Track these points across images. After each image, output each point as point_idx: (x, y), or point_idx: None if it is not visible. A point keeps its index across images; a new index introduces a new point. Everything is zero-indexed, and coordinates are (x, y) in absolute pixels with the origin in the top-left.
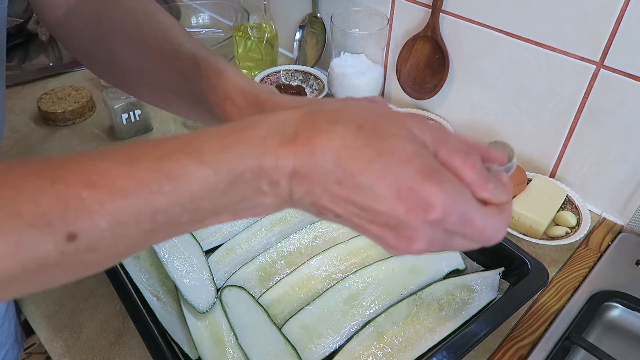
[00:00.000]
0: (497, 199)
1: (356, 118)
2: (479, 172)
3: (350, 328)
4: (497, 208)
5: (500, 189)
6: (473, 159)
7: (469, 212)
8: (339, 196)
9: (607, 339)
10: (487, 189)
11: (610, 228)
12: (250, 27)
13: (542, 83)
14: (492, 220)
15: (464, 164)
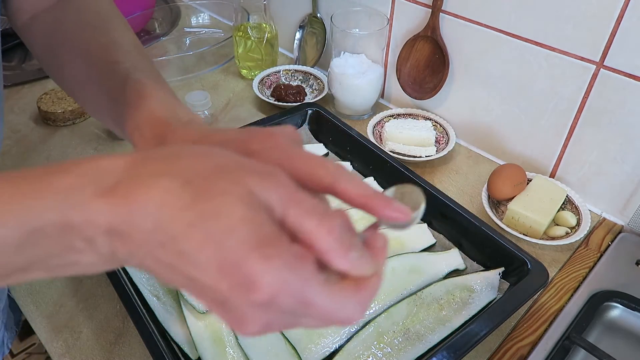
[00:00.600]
0: (359, 271)
1: (188, 170)
2: (338, 238)
3: (350, 328)
4: (354, 285)
5: (365, 259)
6: (331, 222)
7: (306, 293)
8: (163, 262)
9: (607, 339)
10: (346, 258)
11: (610, 228)
12: (250, 27)
13: (542, 83)
14: (343, 301)
15: (317, 227)
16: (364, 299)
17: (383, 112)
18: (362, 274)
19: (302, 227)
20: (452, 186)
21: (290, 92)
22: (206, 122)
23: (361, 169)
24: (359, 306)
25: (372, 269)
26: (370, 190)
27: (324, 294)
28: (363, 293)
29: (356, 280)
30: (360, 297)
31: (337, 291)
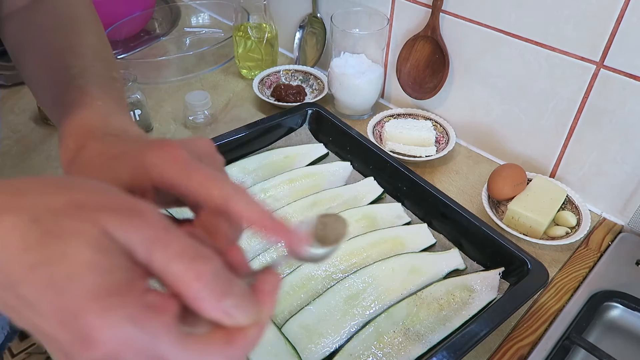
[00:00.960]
0: (233, 320)
1: (38, 206)
2: (209, 284)
3: (350, 328)
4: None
5: (243, 307)
6: (202, 266)
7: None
8: (8, 305)
9: (607, 339)
10: (217, 307)
11: (610, 228)
12: (250, 27)
13: (542, 83)
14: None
15: (185, 272)
16: (234, 353)
17: (383, 112)
18: (237, 324)
19: (167, 273)
20: (452, 186)
21: (290, 92)
22: (206, 122)
23: (361, 169)
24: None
25: (251, 318)
26: (267, 213)
27: (180, 350)
28: (234, 347)
29: (229, 332)
30: (231, 352)
31: (199, 346)
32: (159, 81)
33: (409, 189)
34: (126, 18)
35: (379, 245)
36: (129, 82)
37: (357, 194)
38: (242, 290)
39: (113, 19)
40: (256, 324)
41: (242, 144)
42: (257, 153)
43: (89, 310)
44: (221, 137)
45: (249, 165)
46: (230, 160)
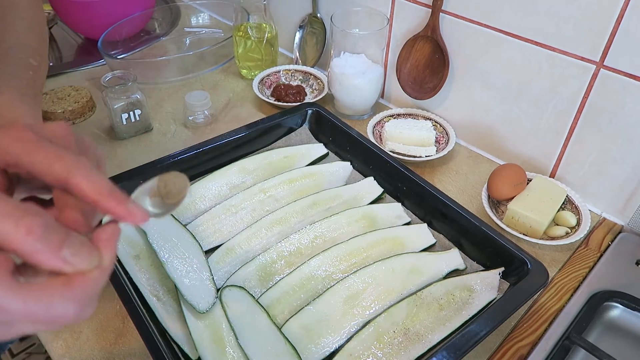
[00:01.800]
0: (74, 267)
1: None
2: (42, 237)
3: (350, 328)
4: (63, 281)
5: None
6: (31, 221)
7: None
8: None
9: (607, 339)
10: (56, 257)
11: (610, 228)
12: (250, 27)
13: (542, 83)
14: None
15: (14, 229)
16: (77, 294)
17: (383, 112)
18: (79, 269)
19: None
20: (452, 186)
21: (290, 92)
22: (206, 122)
23: (361, 169)
24: (71, 302)
25: (92, 263)
26: (106, 187)
27: (17, 297)
28: (76, 288)
29: (69, 276)
30: (73, 293)
31: (36, 291)
32: (159, 81)
33: (409, 189)
34: (126, 18)
35: (379, 245)
36: (129, 82)
37: (357, 194)
38: (79, 240)
39: (113, 19)
40: (98, 267)
41: (242, 144)
42: (257, 153)
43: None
44: (221, 137)
45: (249, 165)
46: (230, 160)
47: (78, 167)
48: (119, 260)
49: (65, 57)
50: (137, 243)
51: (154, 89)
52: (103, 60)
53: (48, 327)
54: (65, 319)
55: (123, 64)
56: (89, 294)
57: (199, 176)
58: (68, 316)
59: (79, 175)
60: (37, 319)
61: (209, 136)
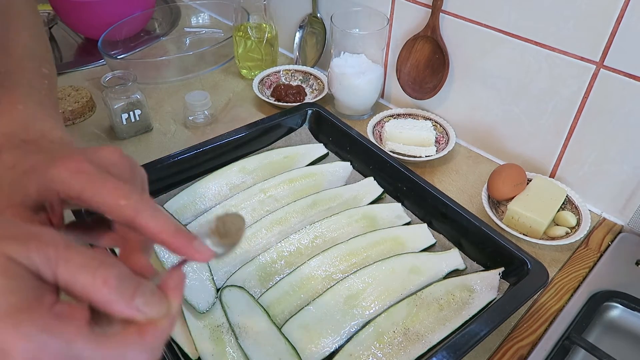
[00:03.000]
0: (146, 316)
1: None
2: (116, 287)
3: (350, 328)
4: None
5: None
6: (106, 272)
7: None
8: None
9: (607, 339)
10: (129, 306)
11: (610, 228)
12: (250, 27)
13: (542, 83)
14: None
15: (93, 282)
16: (149, 343)
17: (383, 112)
18: (151, 318)
19: (76, 284)
20: (452, 186)
21: (290, 92)
22: (206, 122)
23: (361, 169)
24: (144, 352)
25: (162, 312)
26: (173, 227)
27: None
28: (149, 337)
29: (141, 325)
30: (145, 342)
31: (113, 341)
32: (159, 81)
33: (409, 189)
34: (126, 18)
35: (379, 245)
36: (129, 82)
37: (357, 194)
38: (149, 288)
39: (113, 19)
40: (167, 315)
41: (242, 144)
42: (257, 153)
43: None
44: (221, 137)
45: (249, 165)
46: (230, 160)
47: (145, 207)
48: None
49: (65, 57)
50: None
51: (154, 89)
52: (103, 60)
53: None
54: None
55: (123, 64)
56: (159, 343)
57: (199, 176)
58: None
59: (147, 215)
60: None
61: (209, 136)
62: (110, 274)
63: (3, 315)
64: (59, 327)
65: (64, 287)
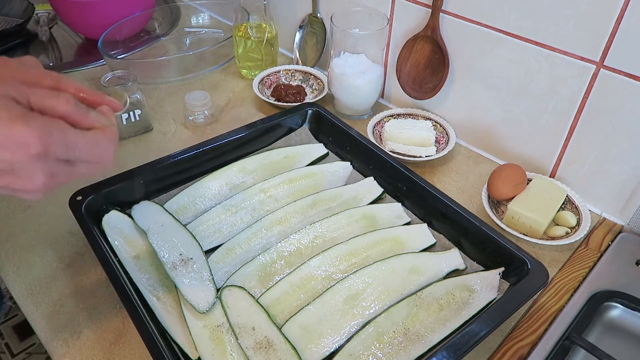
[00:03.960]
0: (100, 123)
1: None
2: (74, 106)
3: (350, 328)
4: (100, 130)
5: (101, 116)
6: (65, 97)
7: (68, 137)
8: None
9: (607, 339)
10: (87, 117)
11: (610, 228)
12: (250, 27)
13: (542, 83)
14: (96, 139)
15: (56, 102)
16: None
17: (383, 112)
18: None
19: (45, 105)
20: (452, 186)
21: (290, 92)
22: (206, 122)
23: (361, 168)
24: (109, 141)
25: (108, 122)
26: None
27: (82, 136)
28: (108, 133)
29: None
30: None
31: (90, 133)
32: (159, 81)
33: (409, 189)
34: (126, 18)
35: (379, 245)
36: (129, 82)
37: (357, 194)
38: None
39: (113, 19)
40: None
41: (242, 144)
42: (257, 153)
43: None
44: (221, 137)
45: (249, 165)
46: (230, 160)
47: (61, 78)
48: (119, 260)
49: (65, 57)
50: (137, 243)
51: (154, 89)
52: (103, 60)
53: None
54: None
55: (123, 64)
56: (115, 137)
57: (199, 176)
58: (108, 152)
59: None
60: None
61: (209, 136)
62: (69, 97)
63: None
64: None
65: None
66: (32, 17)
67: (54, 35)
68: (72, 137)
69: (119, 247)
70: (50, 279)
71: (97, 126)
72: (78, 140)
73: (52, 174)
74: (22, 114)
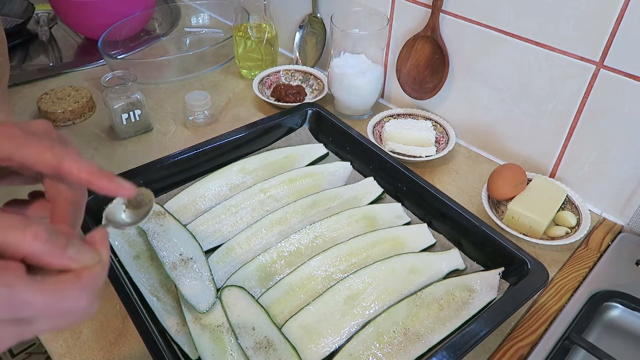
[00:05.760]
0: (80, 263)
1: None
2: (48, 240)
3: (350, 328)
4: (73, 274)
5: (85, 253)
6: (36, 228)
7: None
8: None
9: (607, 339)
10: (62, 256)
11: (610, 228)
12: (250, 27)
13: (542, 83)
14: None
15: (23, 237)
16: (86, 284)
17: (383, 112)
18: (85, 265)
19: (8, 243)
20: (452, 186)
21: (290, 92)
22: (206, 122)
23: (361, 169)
24: (83, 292)
25: (95, 259)
26: (95, 168)
27: (37, 290)
28: (85, 279)
29: (77, 271)
30: (83, 284)
31: (53, 284)
32: (159, 81)
33: (409, 189)
34: (126, 18)
35: (379, 245)
36: (129, 82)
37: (357, 194)
38: (78, 240)
39: (113, 19)
40: (99, 262)
41: (242, 144)
42: (257, 153)
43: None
44: (221, 137)
45: (249, 165)
46: (230, 160)
47: (67, 153)
48: (119, 260)
49: (65, 57)
50: (137, 243)
51: (154, 89)
52: (103, 60)
53: (62, 322)
54: (78, 309)
55: (123, 64)
56: (95, 285)
57: (199, 176)
58: (81, 306)
59: (70, 160)
60: (55, 311)
61: (209, 136)
62: (40, 229)
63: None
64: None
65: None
66: (32, 17)
67: (54, 35)
68: (21, 295)
69: (119, 247)
70: None
71: (72, 268)
72: (31, 297)
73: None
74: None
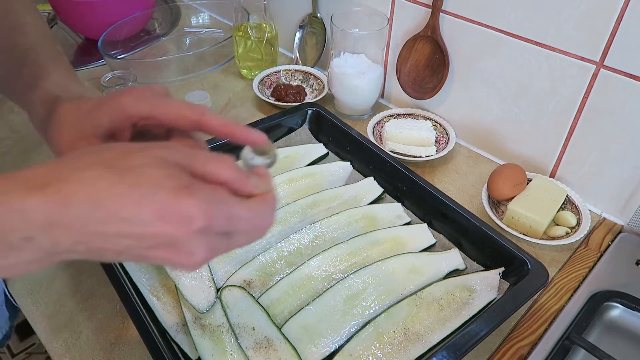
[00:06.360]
0: (260, 189)
1: (102, 161)
2: (236, 171)
3: (350, 328)
4: (261, 199)
5: (261, 181)
6: (226, 161)
7: (231, 210)
8: (110, 234)
9: (607, 339)
10: (248, 183)
11: (610, 228)
12: (250, 27)
13: (542, 83)
14: (258, 209)
15: (218, 167)
16: (271, 205)
17: (383, 112)
18: (262, 192)
19: (207, 171)
20: (452, 186)
21: (290, 92)
22: None
23: (361, 169)
24: (270, 211)
25: (268, 187)
26: (230, 120)
27: (244, 207)
28: (269, 202)
29: (262, 195)
30: (269, 205)
31: (251, 203)
32: (159, 81)
33: (409, 189)
34: (126, 18)
35: (379, 245)
36: (129, 82)
37: (357, 194)
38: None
39: (113, 19)
40: (270, 190)
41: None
42: None
43: (181, 199)
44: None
45: None
46: None
47: (205, 110)
48: None
49: None
50: None
51: None
52: (103, 60)
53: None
54: (266, 226)
55: (123, 64)
56: (275, 206)
57: None
58: (269, 223)
59: (209, 115)
60: (252, 226)
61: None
62: (230, 161)
63: (180, 189)
64: (218, 194)
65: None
66: None
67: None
68: (235, 210)
69: None
70: (50, 279)
71: (256, 193)
72: (241, 213)
73: (212, 249)
74: (187, 184)
